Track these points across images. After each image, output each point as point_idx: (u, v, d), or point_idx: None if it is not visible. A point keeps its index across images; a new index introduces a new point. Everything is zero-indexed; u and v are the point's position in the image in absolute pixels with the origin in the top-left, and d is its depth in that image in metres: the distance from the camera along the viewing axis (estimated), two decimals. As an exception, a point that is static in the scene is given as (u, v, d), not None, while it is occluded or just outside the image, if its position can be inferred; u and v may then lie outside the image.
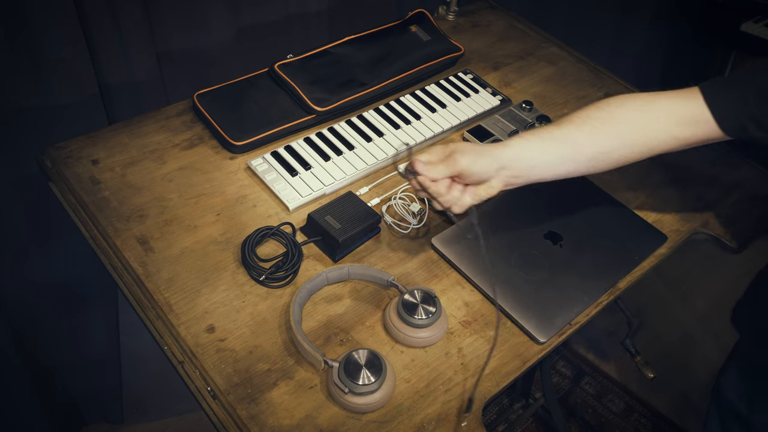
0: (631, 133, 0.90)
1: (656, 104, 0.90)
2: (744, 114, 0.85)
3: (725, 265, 2.28)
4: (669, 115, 0.89)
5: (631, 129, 0.90)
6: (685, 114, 0.89)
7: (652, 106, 0.90)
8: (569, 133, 0.89)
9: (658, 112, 0.90)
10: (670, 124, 0.89)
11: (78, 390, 1.65)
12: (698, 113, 0.88)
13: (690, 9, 2.34)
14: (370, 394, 0.80)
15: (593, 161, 0.90)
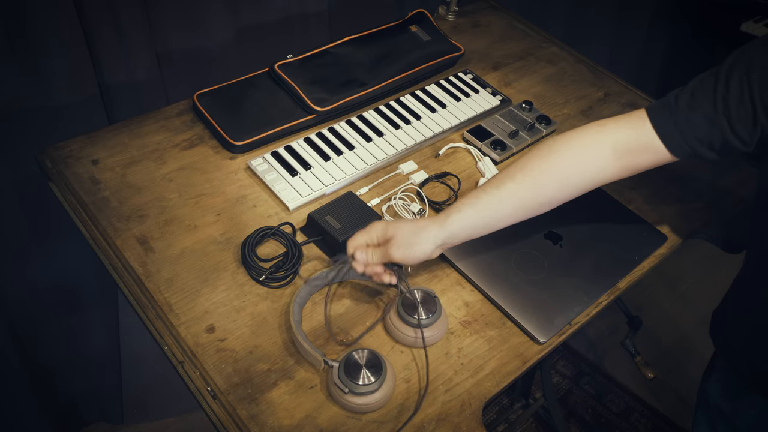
0: (576, 176, 0.89)
1: (600, 140, 0.88)
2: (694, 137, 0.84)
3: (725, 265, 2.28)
4: (616, 147, 0.87)
5: (575, 172, 0.88)
6: (633, 143, 0.87)
7: (596, 144, 0.88)
8: (510, 193, 0.87)
9: (602, 148, 0.88)
10: (618, 156, 0.88)
11: (78, 390, 1.65)
12: (647, 141, 0.87)
13: (690, 9, 2.35)
14: (370, 394, 0.80)
15: (538, 209, 0.90)
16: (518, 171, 0.88)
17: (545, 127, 1.22)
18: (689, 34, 2.43)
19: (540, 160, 0.88)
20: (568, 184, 0.89)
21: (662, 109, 0.87)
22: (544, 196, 0.89)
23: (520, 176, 0.87)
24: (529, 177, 0.87)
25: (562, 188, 0.89)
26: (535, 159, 0.88)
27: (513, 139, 1.19)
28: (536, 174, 0.87)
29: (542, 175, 0.87)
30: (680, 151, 0.86)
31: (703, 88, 0.85)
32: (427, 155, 1.17)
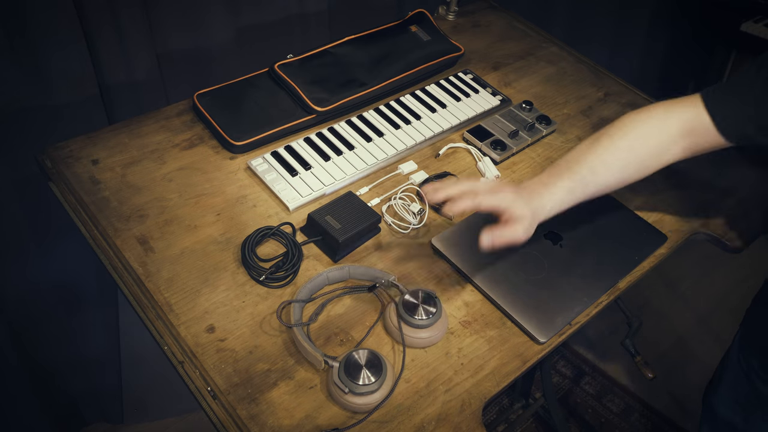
0: (650, 157, 0.93)
1: (668, 121, 0.92)
2: (746, 121, 0.86)
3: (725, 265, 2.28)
4: (682, 128, 0.91)
5: (648, 153, 0.93)
6: (695, 124, 0.90)
7: (665, 125, 0.92)
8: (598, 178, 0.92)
9: (670, 130, 0.92)
10: (684, 137, 0.92)
11: (78, 390, 1.65)
12: (704, 122, 0.90)
13: (690, 9, 2.35)
14: (370, 394, 0.80)
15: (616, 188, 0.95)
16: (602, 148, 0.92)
17: (545, 127, 1.22)
18: (689, 34, 2.44)
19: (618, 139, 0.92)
20: (646, 164, 0.94)
21: (714, 93, 0.91)
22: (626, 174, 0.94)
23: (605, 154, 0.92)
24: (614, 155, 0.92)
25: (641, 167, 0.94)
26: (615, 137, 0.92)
27: (513, 139, 1.19)
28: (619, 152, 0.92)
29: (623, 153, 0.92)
30: (731, 135, 0.89)
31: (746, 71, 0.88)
32: (427, 155, 1.18)
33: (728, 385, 1.08)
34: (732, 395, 1.07)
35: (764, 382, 1.00)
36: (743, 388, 1.04)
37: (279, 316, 0.89)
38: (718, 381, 1.11)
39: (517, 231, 0.85)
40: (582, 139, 1.23)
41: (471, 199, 0.85)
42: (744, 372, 1.03)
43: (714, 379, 1.14)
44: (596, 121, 1.29)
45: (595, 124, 1.28)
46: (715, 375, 1.14)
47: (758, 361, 1.01)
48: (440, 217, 1.06)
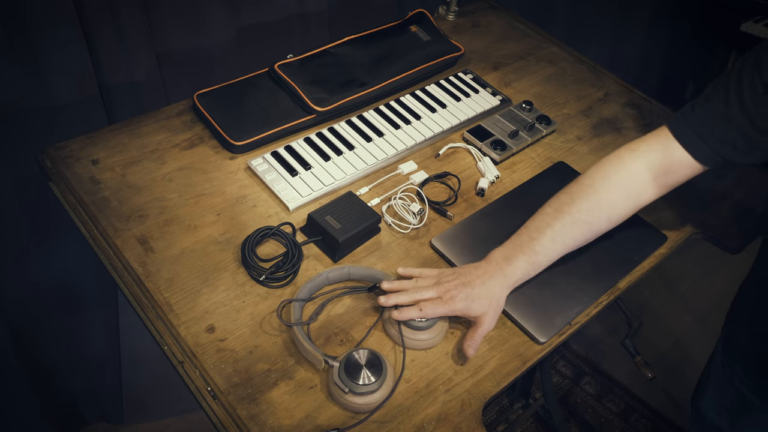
0: (622, 209, 0.93)
1: (636, 166, 0.90)
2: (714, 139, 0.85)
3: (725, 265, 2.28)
4: (651, 170, 0.90)
5: (620, 206, 0.92)
6: (667, 162, 0.89)
7: (633, 172, 0.91)
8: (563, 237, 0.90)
9: (640, 175, 0.91)
10: (655, 178, 0.91)
11: (78, 390, 1.65)
12: (677, 156, 0.88)
13: (690, 9, 2.35)
14: (370, 394, 0.80)
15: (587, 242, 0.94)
16: (565, 214, 0.90)
17: (545, 127, 1.22)
18: (689, 34, 2.44)
19: (583, 200, 0.91)
20: (616, 218, 0.93)
21: (681, 120, 0.89)
22: (594, 232, 0.93)
23: (569, 220, 0.90)
24: (579, 219, 0.90)
25: (610, 222, 0.93)
26: (579, 199, 0.91)
27: (513, 139, 1.19)
28: (584, 215, 0.90)
29: (589, 214, 0.90)
30: (707, 158, 0.87)
31: (715, 91, 0.86)
32: (427, 155, 1.18)
33: (714, 390, 1.08)
34: (719, 400, 1.07)
35: (748, 388, 0.99)
36: (729, 394, 1.04)
37: (279, 316, 0.89)
38: (704, 385, 1.11)
39: (484, 328, 0.87)
40: (582, 139, 1.24)
41: (416, 311, 0.86)
42: (728, 378, 1.03)
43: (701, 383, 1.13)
44: (596, 121, 1.29)
45: (595, 124, 1.28)
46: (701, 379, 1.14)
47: (741, 367, 1.01)
48: (440, 217, 1.06)
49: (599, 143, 1.24)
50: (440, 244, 1.01)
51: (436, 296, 0.87)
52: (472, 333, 0.87)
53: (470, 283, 0.88)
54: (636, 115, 1.31)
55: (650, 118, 1.31)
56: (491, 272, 0.89)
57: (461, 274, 0.89)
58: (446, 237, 1.02)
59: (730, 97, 0.83)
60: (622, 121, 1.30)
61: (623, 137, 1.26)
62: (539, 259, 0.90)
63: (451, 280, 0.88)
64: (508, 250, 0.91)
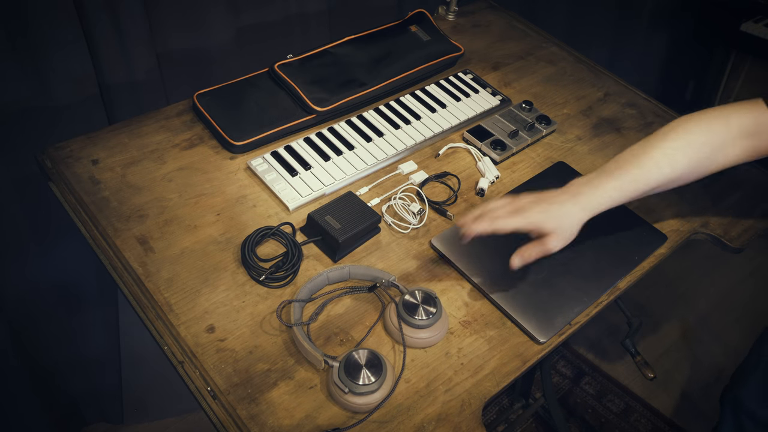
0: (707, 159, 0.92)
1: (729, 121, 0.91)
2: None
3: (725, 265, 2.28)
4: (741, 130, 0.91)
5: (707, 155, 0.92)
6: (753, 125, 0.90)
7: (725, 125, 0.91)
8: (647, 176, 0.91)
9: (731, 130, 0.91)
10: (743, 138, 0.91)
11: (78, 390, 1.65)
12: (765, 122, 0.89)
13: (690, 9, 2.35)
14: (370, 394, 0.80)
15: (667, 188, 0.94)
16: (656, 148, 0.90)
17: (545, 127, 1.23)
18: (689, 34, 2.44)
19: (674, 139, 0.91)
20: (701, 165, 0.92)
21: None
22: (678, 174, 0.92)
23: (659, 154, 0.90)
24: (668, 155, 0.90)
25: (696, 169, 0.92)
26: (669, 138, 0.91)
27: (513, 139, 1.19)
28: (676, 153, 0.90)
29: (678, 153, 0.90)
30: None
31: None
32: (427, 155, 1.18)
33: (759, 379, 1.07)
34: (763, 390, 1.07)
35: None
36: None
37: (279, 316, 0.89)
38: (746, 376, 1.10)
39: (548, 246, 0.86)
40: (582, 139, 1.24)
41: (489, 223, 0.85)
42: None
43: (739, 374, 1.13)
44: (596, 121, 1.29)
45: (595, 124, 1.28)
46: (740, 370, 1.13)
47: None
48: (440, 217, 1.06)
49: (599, 143, 1.24)
50: (440, 244, 1.01)
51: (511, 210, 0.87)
52: (532, 246, 0.85)
53: (548, 199, 0.88)
54: (636, 115, 1.31)
55: (650, 118, 1.31)
56: (574, 194, 0.89)
57: (539, 195, 0.89)
58: (446, 237, 1.02)
59: None
60: (622, 121, 1.30)
61: (623, 137, 1.26)
62: (625, 186, 0.90)
63: (528, 199, 0.89)
64: (592, 176, 0.91)
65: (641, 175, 0.90)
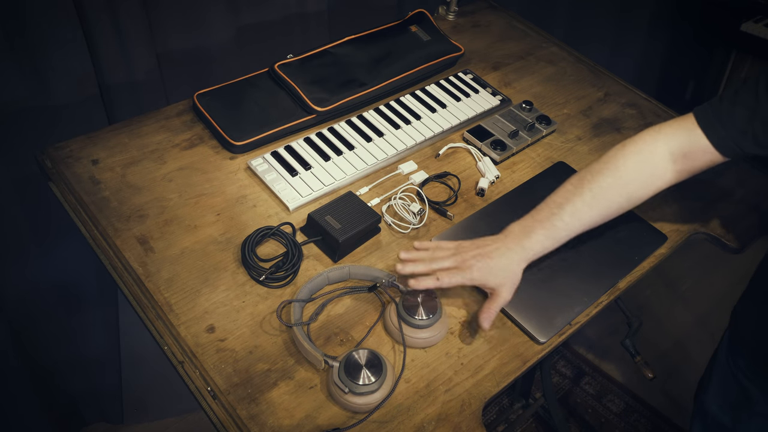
0: (640, 189, 0.93)
1: (658, 148, 0.91)
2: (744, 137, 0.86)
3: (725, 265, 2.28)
4: (673, 153, 0.91)
5: (639, 186, 0.92)
6: (687, 146, 0.90)
7: (655, 153, 0.91)
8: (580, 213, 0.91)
9: (661, 157, 0.92)
10: (675, 161, 0.91)
11: (78, 390, 1.65)
12: (699, 143, 0.89)
13: (690, 9, 2.35)
14: (370, 394, 0.80)
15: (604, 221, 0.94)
16: (586, 189, 0.91)
17: (545, 127, 1.22)
18: (689, 34, 2.44)
19: (604, 177, 0.91)
20: (634, 198, 0.93)
21: (708, 108, 0.90)
22: (613, 210, 0.93)
23: (589, 196, 0.91)
24: (599, 195, 0.91)
25: (629, 201, 0.93)
26: (600, 176, 0.91)
27: (513, 139, 1.19)
28: (605, 192, 0.91)
29: (609, 192, 0.91)
30: (727, 149, 0.88)
31: (746, 85, 0.88)
32: (427, 155, 1.18)
33: (717, 384, 1.08)
34: (721, 394, 1.07)
35: (751, 382, 1.00)
36: (731, 388, 1.04)
37: (279, 316, 0.89)
38: (708, 380, 1.11)
39: (501, 300, 0.88)
40: (582, 139, 1.24)
41: (433, 281, 0.87)
42: (731, 372, 1.04)
43: (704, 378, 1.14)
44: (596, 121, 1.29)
45: (595, 124, 1.28)
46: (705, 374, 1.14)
47: (745, 360, 1.01)
48: (440, 217, 1.06)
49: (599, 143, 1.24)
50: (440, 244, 1.01)
51: (453, 266, 0.88)
52: (489, 305, 0.87)
53: (488, 254, 0.88)
54: (636, 115, 1.31)
55: (650, 118, 1.31)
56: (509, 245, 0.89)
57: (479, 246, 0.90)
58: (446, 237, 1.02)
59: (759, 90, 0.85)
60: (622, 121, 1.29)
61: (623, 137, 1.25)
62: (559, 234, 0.91)
63: (469, 250, 0.89)
64: (527, 223, 0.92)
65: (572, 221, 0.91)
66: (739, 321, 1.05)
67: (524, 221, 0.92)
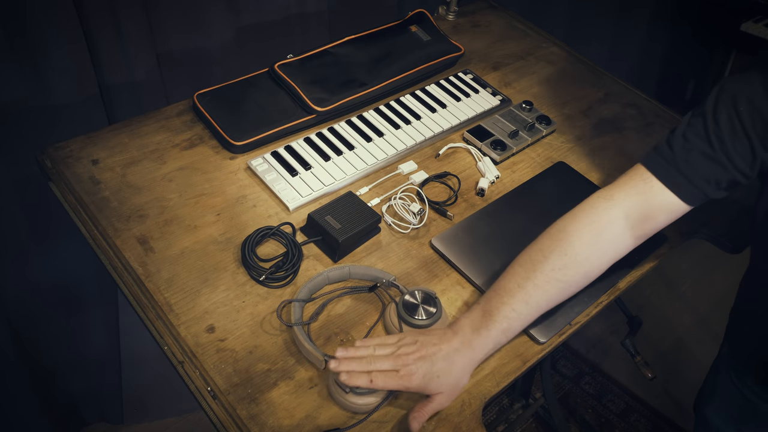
0: (597, 264, 0.87)
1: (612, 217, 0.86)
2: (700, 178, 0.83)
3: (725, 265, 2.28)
4: (629, 218, 0.86)
5: (596, 261, 0.87)
6: (646, 208, 0.85)
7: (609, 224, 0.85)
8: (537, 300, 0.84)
9: (616, 226, 0.86)
10: (633, 226, 0.86)
11: (78, 390, 1.65)
12: (659, 200, 0.85)
13: (690, 9, 2.35)
14: (370, 394, 0.80)
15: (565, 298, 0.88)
16: (538, 272, 0.84)
17: (545, 127, 1.23)
18: (689, 35, 2.44)
19: (557, 257, 0.84)
20: (592, 274, 0.87)
21: (660, 161, 0.85)
22: (570, 291, 0.87)
23: (542, 279, 0.84)
24: (553, 277, 0.84)
25: (587, 278, 0.87)
26: (552, 256, 0.84)
27: (513, 139, 1.19)
28: (558, 273, 0.84)
29: (563, 272, 0.84)
30: (693, 198, 0.84)
31: (693, 130, 0.83)
32: (427, 155, 1.18)
33: (720, 397, 1.07)
34: (724, 407, 1.06)
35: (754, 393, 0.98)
36: (735, 400, 1.03)
37: (279, 316, 0.89)
38: (710, 392, 1.09)
39: (438, 406, 0.79)
40: (582, 139, 1.24)
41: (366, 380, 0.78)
42: (736, 386, 1.02)
43: (705, 389, 1.12)
44: (596, 121, 1.29)
45: (595, 124, 1.28)
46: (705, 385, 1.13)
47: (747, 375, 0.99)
48: (440, 217, 1.06)
49: (599, 143, 1.24)
50: (440, 244, 1.01)
51: (391, 368, 0.78)
52: (422, 407, 0.78)
53: (431, 356, 0.79)
54: (636, 115, 1.31)
55: (650, 118, 1.31)
56: (456, 345, 0.80)
57: (423, 345, 0.80)
58: (446, 237, 1.02)
59: (710, 138, 0.81)
60: (622, 121, 1.30)
61: (623, 137, 1.26)
62: (513, 325, 0.83)
63: (411, 352, 0.79)
64: (476, 318, 0.83)
65: (527, 309, 0.83)
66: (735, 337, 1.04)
67: (473, 315, 0.83)
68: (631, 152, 1.22)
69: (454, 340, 0.81)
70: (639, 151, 1.22)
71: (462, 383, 0.82)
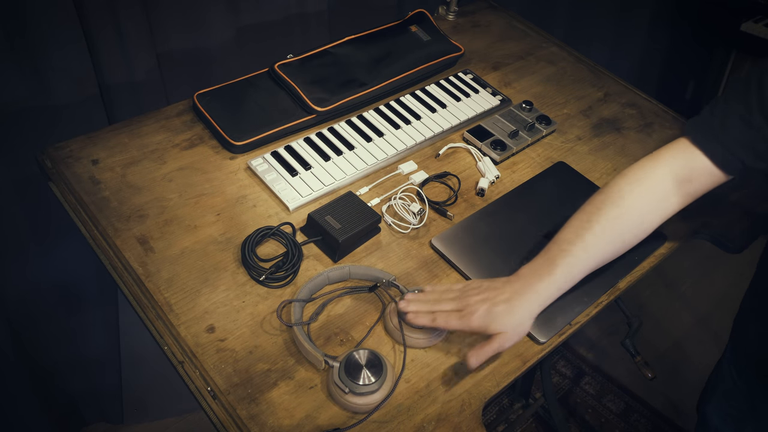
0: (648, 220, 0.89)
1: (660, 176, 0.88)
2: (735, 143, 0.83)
3: (725, 265, 2.28)
4: (675, 179, 0.88)
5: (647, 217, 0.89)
6: (688, 170, 0.87)
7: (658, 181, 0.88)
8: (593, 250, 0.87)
9: (664, 184, 0.88)
10: (679, 187, 0.88)
11: (78, 390, 1.65)
12: (700, 164, 0.86)
13: (690, 9, 2.35)
14: (370, 394, 0.80)
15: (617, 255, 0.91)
16: (594, 223, 0.86)
17: (545, 127, 1.23)
18: (689, 35, 2.44)
19: (609, 209, 0.87)
20: (644, 227, 0.90)
21: (701, 125, 0.87)
22: (625, 242, 0.89)
23: (599, 230, 0.86)
24: (609, 227, 0.86)
25: (639, 230, 0.90)
26: (605, 208, 0.87)
27: (513, 139, 1.19)
28: (613, 223, 0.87)
29: (618, 223, 0.87)
30: (728, 165, 0.85)
31: (735, 93, 0.84)
32: (427, 155, 1.18)
33: (721, 396, 1.07)
34: (724, 407, 1.06)
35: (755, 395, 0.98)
36: (736, 400, 1.03)
37: (279, 316, 0.89)
38: (711, 391, 1.10)
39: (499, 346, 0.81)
40: (582, 139, 1.24)
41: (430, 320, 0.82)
42: (735, 384, 1.02)
43: (707, 388, 1.13)
44: (596, 121, 1.29)
45: (595, 124, 1.28)
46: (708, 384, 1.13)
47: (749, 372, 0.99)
48: (440, 217, 1.06)
49: (599, 143, 1.24)
50: (440, 244, 1.01)
51: (455, 308, 0.82)
52: (482, 346, 0.81)
53: (493, 298, 0.82)
54: (636, 115, 1.31)
55: (650, 118, 1.31)
56: (520, 289, 0.83)
57: (486, 289, 0.84)
58: (446, 237, 1.02)
59: (751, 102, 0.81)
60: (622, 121, 1.30)
61: (623, 137, 1.26)
62: (573, 272, 0.85)
63: (475, 294, 0.83)
64: (538, 264, 0.86)
65: (586, 256, 0.86)
66: (740, 334, 1.04)
67: (534, 263, 0.86)
68: (631, 152, 1.22)
69: (516, 284, 0.84)
70: (639, 151, 1.22)
71: (525, 326, 0.83)
